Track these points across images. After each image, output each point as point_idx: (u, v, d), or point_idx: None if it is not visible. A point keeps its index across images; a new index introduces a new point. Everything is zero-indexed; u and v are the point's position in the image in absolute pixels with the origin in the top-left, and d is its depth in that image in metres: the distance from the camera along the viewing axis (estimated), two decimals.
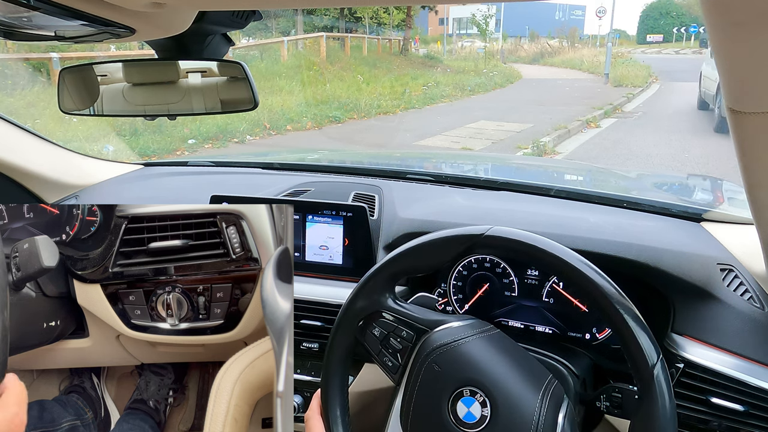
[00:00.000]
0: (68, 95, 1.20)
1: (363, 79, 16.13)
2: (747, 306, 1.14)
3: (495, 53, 28.88)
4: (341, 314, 1.02)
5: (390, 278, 1.00)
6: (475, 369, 0.90)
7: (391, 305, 1.00)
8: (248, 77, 1.15)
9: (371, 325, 1.00)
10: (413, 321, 0.98)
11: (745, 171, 0.81)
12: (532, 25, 44.84)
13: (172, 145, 8.13)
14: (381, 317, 1.00)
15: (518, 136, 9.67)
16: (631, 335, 0.84)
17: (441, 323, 0.97)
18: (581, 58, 26.50)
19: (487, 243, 0.93)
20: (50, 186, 1.77)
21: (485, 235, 0.93)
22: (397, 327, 0.99)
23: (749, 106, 0.66)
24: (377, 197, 1.56)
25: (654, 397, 0.82)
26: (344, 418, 1.02)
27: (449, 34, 33.23)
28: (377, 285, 1.00)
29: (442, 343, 0.93)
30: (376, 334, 1.00)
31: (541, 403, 0.87)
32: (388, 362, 1.00)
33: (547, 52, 30.70)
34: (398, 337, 0.98)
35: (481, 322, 0.98)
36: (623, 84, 17.64)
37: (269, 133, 9.73)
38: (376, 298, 1.00)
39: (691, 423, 1.11)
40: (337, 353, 1.02)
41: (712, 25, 0.56)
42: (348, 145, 9.39)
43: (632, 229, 1.32)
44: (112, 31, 0.80)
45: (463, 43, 34.15)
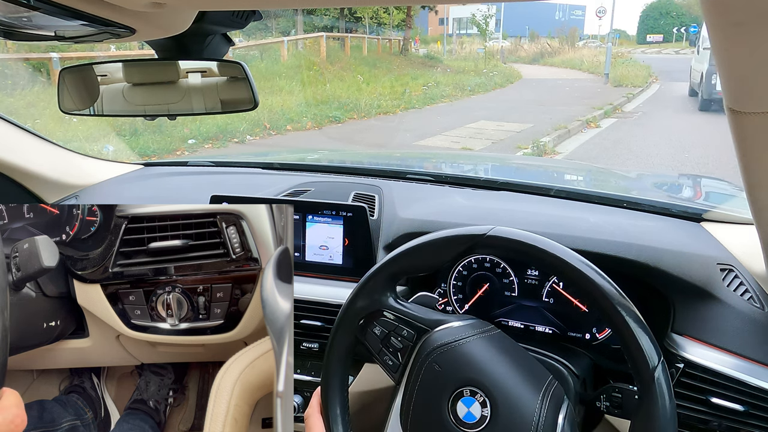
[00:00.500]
0: (68, 95, 1.20)
1: (363, 79, 16.11)
2: (747, 306, 1.13)
3: (495, 53, 28.85)
4: (342, 313, 1.02)
5: (391, 277, 1.00)
6: (476, 369, 0.90)
7: (392, 304, 1.00)
8: (248, 77, 1.14)
9: (372, 324, 1.00)
10: (414, 320, 0.98)
11: (745, 171, 0.81)
12: (532, 25, 44.81)
13: (172, 145, 8.11)
14: (382, 316, 1.00)
15: (518, 136, 9.67)
16: (632, 336, 0.84)
17: (442, 323, 0.97)
18: (581, 58, 26.53)
19: (488, 243, 0.93)
20: (50, 186, 1.77)
21: (487, 235, 0.93)
22: (398, 326, 0.98)
23: (749, 106, 0.66)
24: (377, 197, 1.56)
25: (654, 398, 0.82)
26: (344, 416, 1.02)
27: (449, 34, 33.19)
28: (378, 284, 1.00)
29: (442, 342, 0.93)
30: (377, 333, 1.00)
31: (541, 404, 0.87)
32: (388, 361, 0.99)
33: (547, 52, 30.68)
34: (399, 336, 0.98)
35: (481, 322, 0.98)
36: (623, 84, 17.71)
37: (269, 133, 9.71)
38: (377, 297, 1.00)
39: (691, 423, 1.11)
40: (337, 352, 1.02)
41: (712, 26, 0.56)
42: (348, 145, 9.38)
43: (632, 229, 1.32)
44: (112, 31, 0.80)
45: (465, 46, 34.12)
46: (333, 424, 1.00)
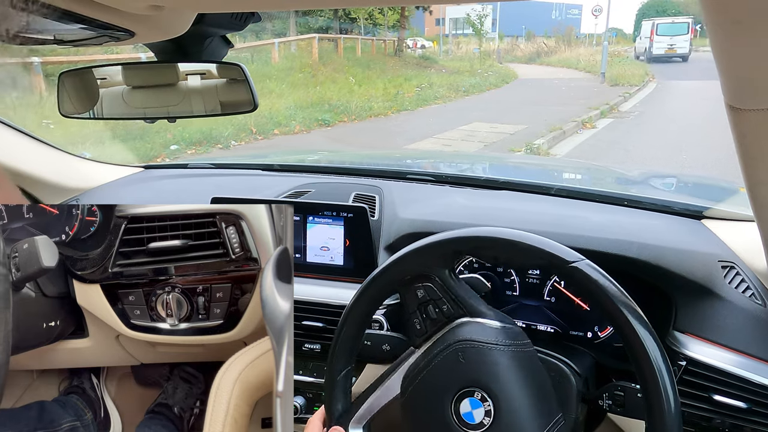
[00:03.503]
0: (68, 99, 1.20)
1: (355, 80, 15.92)
2: (749, 303, 1.13)
3: (492, 53, 28.72)
4: (391, 263, 1.01)
5: (454, 254, 0.99)
6: (495, 379, 0.90)
7: (445, 276, 0.99)
8: (248, 79, 1.15)
9: (418, 284, 1.00)
10: (458, 300, 0.98)
11: (746, 168, 0.81)
12: (528, 25, 44.69)
13: (153, 151, 7.81)
14: (430, 281, 0.99)
15: (512, 138, 9.57)
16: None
17: (482, 315, 0.96)
18: (578, 57, 26.43)
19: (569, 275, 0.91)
20: (51, 189, 1.77)
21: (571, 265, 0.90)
22: (440, 298, 0.98)
23: (749, 103, 0.66)
24: (377, 198, 1.56)
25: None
26: (346, 386, 1.04)
27: (446, 35, 33.02)
28: (437, 253, 0.99)
29: (475, 339, 0.93)
30: (419, 295, 1.00)
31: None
32: (417, 325, 1.00)
33: (543, 52, 30.54)
34: (437, 308, 0.98)
35: (520, 333, 0.97)
36: (620, 83, 17.57)
37: (255, 137, 9.49)
38: (433, 263, 0.99)
39: (694, 420, 1.11)
40: (362, 304, 1.03)
41: (711, 23, 0.56)
42: (344, 147, 9.29)
43: (633, 227, 1.32)
44: (111, 34, 0.80)
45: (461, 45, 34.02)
46: (332, 390, 1.03)
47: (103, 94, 1.21)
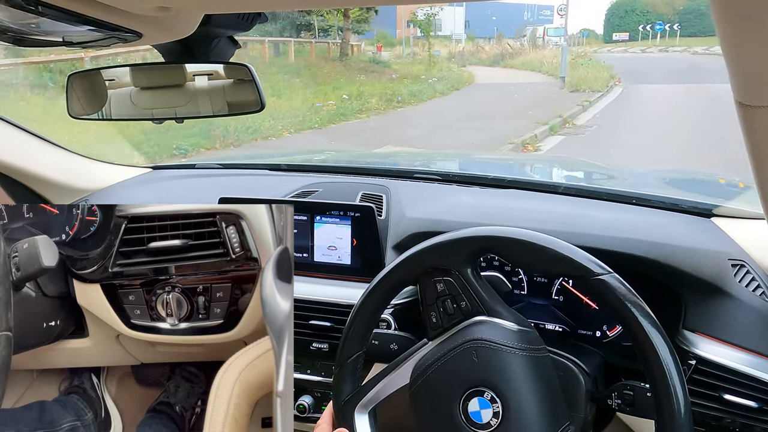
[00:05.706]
0: (77, 100, 1.20)
1: (273, 91, 13.14)
2: (759, 301, 1.12)
3: (455, 55, 27.54)
4: (419, 251, 1.00)
5: (478, 252, 0.98)
6: (506, 381, 0.90)
7: (467, 272, 0.97)
8: (255, 79, 1.14)
9: (438, 277, 0.98)
10: (477, 298, 0.96)
11: (756, 165, 0.79)
12: (500, 27, 43.69)
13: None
14: (451, 276, 0.97)
15: None
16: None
17: (499, 315, 0.95)
18: (541, 59, 24.97)
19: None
20: (61, 190, 1.78)
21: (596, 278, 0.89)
22: (460, 294, 0.97)
23: (759, 99, 0.64)
24: (385, 197, 1.55)
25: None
26: (356, 367, 1.03)
27: (417, 36, 32.40)
28: (464, 249, 0.97)
29: (491, 339, 0.92)
30: (438, 288, 0.98)
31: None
32: (433, 318, 0.98)
33: (507, 54, 29.27)
34: (456, 304, 0.97)
35: (536, 338, 0.96)
36: (581, 88, 15.83)
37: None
38: (457, 258, 0.97)
39: (704, 420, 1.10)
40: (383, 288, 1.01)
41: (720, 18, 0.54)
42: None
43: (642, 225, 1.31)
44: (119, 35, 0.80)
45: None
46: (342, 371, 1.02)
47: (112, 95, 1.22)
